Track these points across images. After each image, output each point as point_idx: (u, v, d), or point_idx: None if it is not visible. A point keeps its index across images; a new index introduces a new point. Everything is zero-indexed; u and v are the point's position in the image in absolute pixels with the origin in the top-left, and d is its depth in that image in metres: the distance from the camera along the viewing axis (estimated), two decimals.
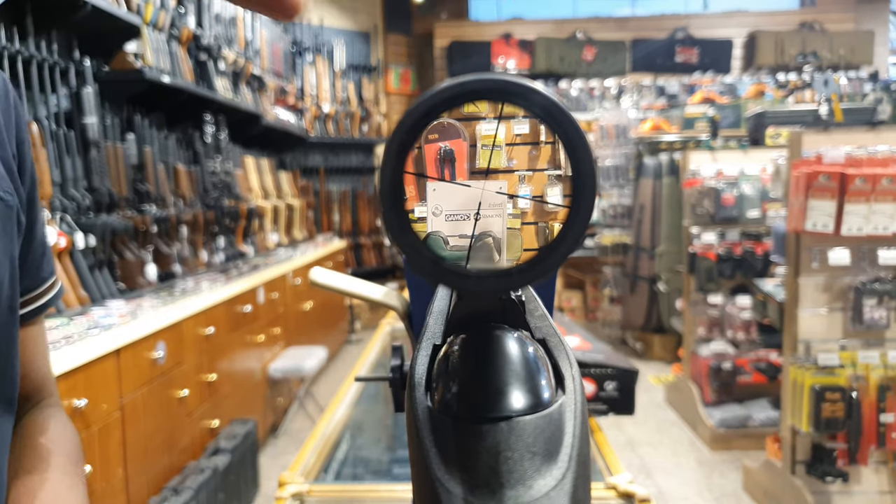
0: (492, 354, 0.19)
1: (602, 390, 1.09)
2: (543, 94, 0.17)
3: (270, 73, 5.29)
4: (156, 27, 3.28)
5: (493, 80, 0.18)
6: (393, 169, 0.17)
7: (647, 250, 5.35)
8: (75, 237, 2.50)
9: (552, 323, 0.28)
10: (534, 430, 0.16)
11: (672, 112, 5.71)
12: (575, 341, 1.25)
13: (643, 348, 5.63)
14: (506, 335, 0.20)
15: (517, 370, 0.18)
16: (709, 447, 3.77)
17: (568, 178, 0.53)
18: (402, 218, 0.17)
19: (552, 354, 0.22)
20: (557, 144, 0.38)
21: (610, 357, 1.14)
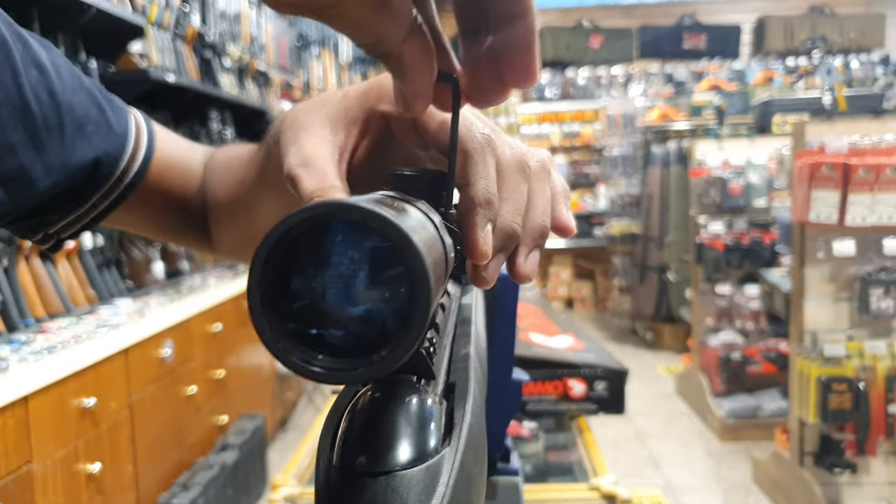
0: (381, 408, 0.20)
1: (592, 390, 1.10)
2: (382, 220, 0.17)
3: (276, 67, 5.30)
4: (160, 26, 3.31)
5: (318, 212, 0.17)
6: (258, 306, 0.18)
7: (655, 240, 5.34)
8: (83, 237, 2.53)
9: (475, 361, 0.30)
10: (409, 484, 0.17)
11: (679, 100, 5.68)
12: (568, 341, 1.26)
13: (653, 338, 5.63)
14: (401, 388, 0.21)
15: (403, 424, 0.19)
16: (718, 438, 3.78)
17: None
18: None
19: (454, 402, 0.24)
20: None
21: (601, 357, 1.15)
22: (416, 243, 0.17)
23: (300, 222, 0.16)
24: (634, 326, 5.89)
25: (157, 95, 3.28)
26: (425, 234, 0.20)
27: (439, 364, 0.26)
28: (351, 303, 0.18)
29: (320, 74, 6.47)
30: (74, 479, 1.90)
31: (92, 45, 2.90)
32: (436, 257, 0.20)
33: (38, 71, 0.53)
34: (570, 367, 1.13)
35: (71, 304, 2.36)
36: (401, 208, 0.21)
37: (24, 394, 1.65)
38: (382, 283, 0.18)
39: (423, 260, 0.17)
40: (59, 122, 0.53)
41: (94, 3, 2.56)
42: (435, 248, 0.20)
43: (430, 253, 0.18)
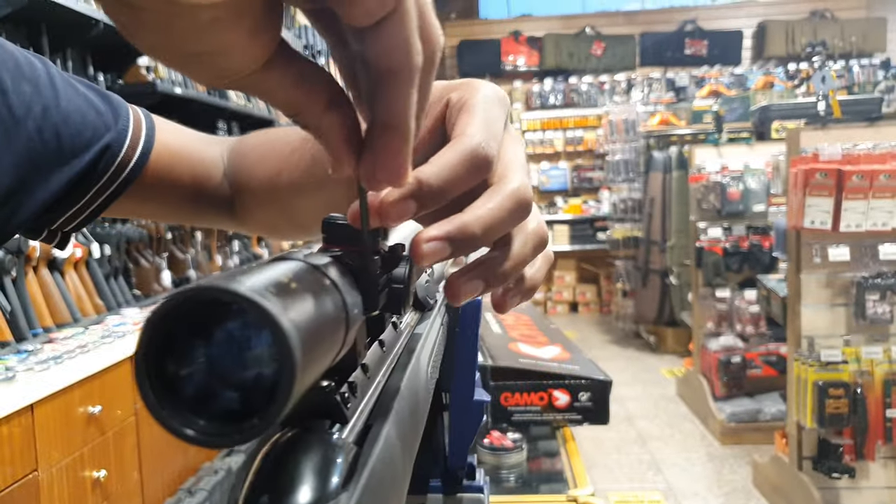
0: (287, 453, 0.22)
1: (576, 401, 1.14)
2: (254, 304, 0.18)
3: None
4: None
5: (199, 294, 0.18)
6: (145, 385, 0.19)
7: (658, 244, 5.37)
8: (91, 247, 2.59)
9: (404, 398, 0.32)
10: None
11: (680, 106, 5.71)
12: (555, 351, 1.30)
13: (656, 341, 5.65)
14: (309, 434, 0.23)
15: (304, 469, 0.21)
16: (719, 441, 3.80)
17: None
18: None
19: (363, 445, 0.26)
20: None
21: (586, 368, 1.19)
22: (283, 324, 0.18)
23: (178, 304, 0.18)
24: (638, 330, 5.91)
25: (166, 107, 3.34)
26: (304, 310, 0.21)
27: (359, 405, 0.28)
28: (229, 373, 0.20)
29: None
30: (80, 485, 1.95)
31: (100, 59, 2.97)
32: (315, 329, 0.21)
33: (31, 86, 0.55)
34: (555, 378, 1.16)
35: (78, 314, 2.41)
36: (288, 279, 0.22)
37: (29, 402, 1.70)
38: (255, 358, 0.20)
39: (288, 340, 0.18)
40: (56, 134, 0.56)
41: (102, 19, 2.62)
42: (318, 320, 0.22)
43: (306, 328, 0.20)
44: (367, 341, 0.31)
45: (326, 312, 0.23)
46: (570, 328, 6.66)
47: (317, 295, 0.23)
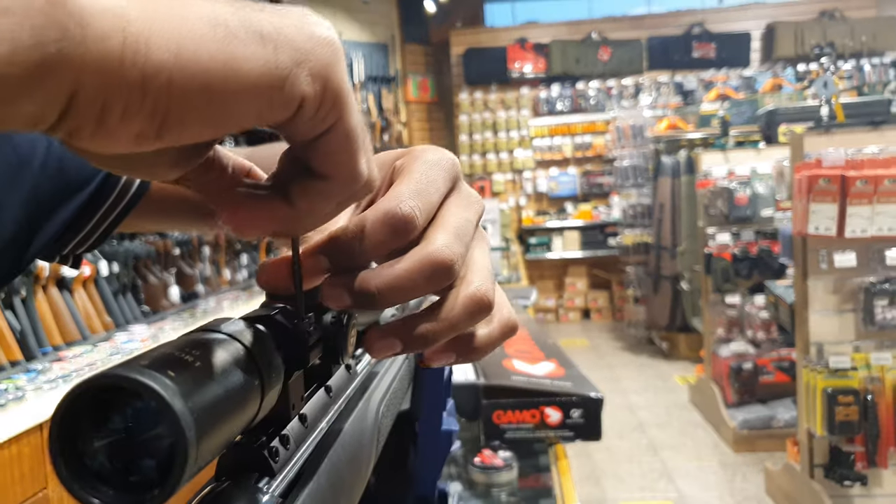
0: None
1: (568, 417, 1.15)
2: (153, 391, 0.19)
3: None
4: None
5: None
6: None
7: (668, 249, 5.35)
8: (99, 265, 2.63)
9: (343, 444, 0.33)
10: None
11: (688, 109, 5.69)
12: (549, 367, 1.31)
13: (669, 348, 5.62)
14: (234, 487, 0.25)
15: None
16: (732, 449, 3.77)
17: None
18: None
19: (287, 497, 0.28)
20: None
21: (578, 385, 1.19)
22: (174, 407, 0.20)
23: (81, 393, 0.20)
24: (650, 336, 5.88)
25: None
26: (203, 387, 0.22)
27: (293, 456, 0.29)
28: (131, 449, 0.21)
29: None
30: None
31: None
32: (215, 404, 0.22)
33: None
34: (546, 396, 1.17)
35: (87, 331, 2.45)
36: (193, 357, 0.23)
37: (39, 421, 1.73)
38: (154, 436, 0.21)
39: (180, 421, 0.20)
40: (60, 169, 0.56)
41: None
42: (220, 395, 0.23)
43: (202, 406, 0.21)
44: (304, 394, 0.32)
45: (232, 385, 0.24)
46: (582, 336, 6.64)
47: (224, 369, 0.24)
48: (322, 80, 0.24)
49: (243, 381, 0.24)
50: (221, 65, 0.21)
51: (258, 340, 0.27)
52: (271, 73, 0.22)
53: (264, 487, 0.27)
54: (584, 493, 3.39)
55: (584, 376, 1.27)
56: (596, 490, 3.41)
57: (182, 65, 0.20)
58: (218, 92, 0.21)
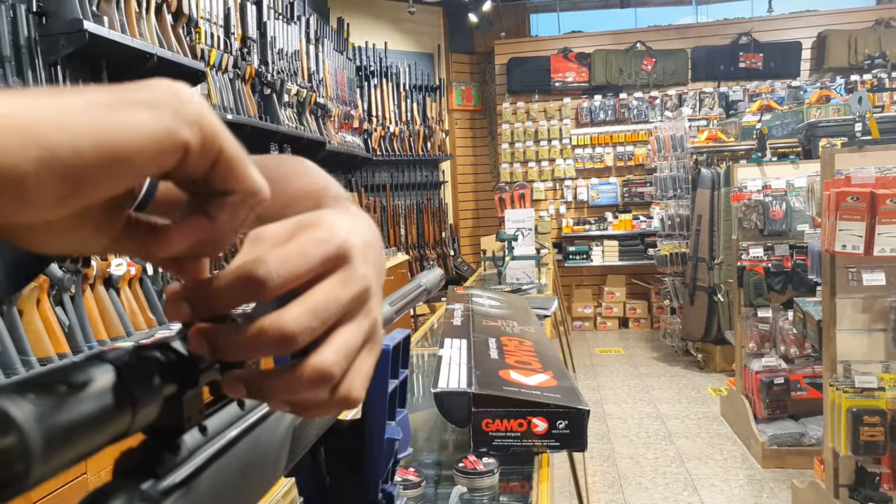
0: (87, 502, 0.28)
1: (554, 428, 1.22)
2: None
3: (335, 99, 5.58)
4: (220, 69, 3.59)
5: None
6: None
7: (705, 261, 5.31)
8: (145, 265, 2.80)
9: (235, 454, 0.37)
10: None
11: (730, 121, 5.64)
12: (541, 378, 1.38)
13: (705, 359, 5.58)
14: (110, 487, 0.29)
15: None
16: (760, 464, 3.74)
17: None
18: None
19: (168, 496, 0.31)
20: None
21: (566, 397, 1.26)
22: (24, 428, 0.23)
23: None
24: (686, 347, 5.84)
25: None
26: (60, 409, 0.25)
27: (187, 460, 0.34)
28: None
29: (380, 103, 6.74)
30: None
31: None
32: (69, 425, 0.26)
33: None
34: (533, 406, 1.24)
35: (131, 328, 2.61)
36: (63, 382, 0.27)
37: None
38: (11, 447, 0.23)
39: (28, 440, 0.22)
40: None
41: (155, 53, 2.84)
42: (76, 417, 0.26)
43: (56, 427, 0.24)
44: (202, 408, 0.36)
45: (91, 404, 0.27)
46: (619, 344, 6.63)
47: (86, 390, 0.27)
48: (197, 125, 0.29)
49: (106, 400, 0.28)
50: (109, 128, 0.26)
51: (134, 366, 0.30)
52: (156, 129, 0.28)
53: (146, 487, 0.31)
54: (606, 500, 3.42)
55: (574, 389, 1.34)
56: (618, 498, 3.44)
57: (72, 139, 0.25)
58: (112, 151, 0.26)
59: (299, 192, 0.54)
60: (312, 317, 0.34)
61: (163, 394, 0.32)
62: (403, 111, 6.98)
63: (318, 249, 0.35)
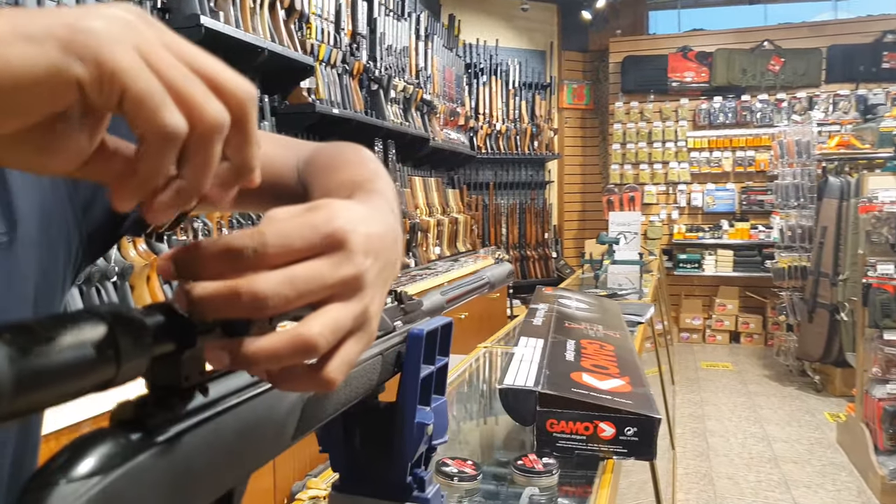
0: (75, 444, 0.30)
1: (622, 434, 1.16)
2: None
3: (442, 96, 5.62)
4: (329, 64, 3.70)
5: None
6: None
7: (828, 276, 4.93)
8: None
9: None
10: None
11: (867, 126, 5.21)
12: (616, 384, 1.32)
13: (822, 381, 5.18)
14: (100, 432, 0.31)
15: (72, 454, 0.30)
16: (878, 499, 3.43)
17: None
18: None
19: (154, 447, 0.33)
20: None
21: (638, 403, 1.19)
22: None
23: None
24: (803, 367, 5.45)
25: (325, 126, 3.67)
26: (35, 353, 0.27)
27: (179, 418, 0.36)
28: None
29: (488, 100, 6.73)
30: None
31: (267, 82, 3.33)
32: (43, 366, 0.27)
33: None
34: (601, 410, 1.19)
35: None
36: (45, 331, 0.28)
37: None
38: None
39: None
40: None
41: (267, 47, 2.95)
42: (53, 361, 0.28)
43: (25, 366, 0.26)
44: (202, 369, 0.37)
45: (71, 351, 0.29)
46: (728, 359, 6.28)
47: (67, 338, 0.29)
48: (93, 63, 0.28)
49: (87, 349, 0.29)
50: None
51: (125, 322, 0.32)
52: (40, 65, 0.27)
53: (133, 437, 0.33)
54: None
55: (648, 396, 1.27)
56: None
57: None
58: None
59: (342, 182, 0.56)
60: (289, 286, 0.34)
61: (153, 350, 0.33)
62: (511, 109, 6.93)
63: (312, 231, 0.36)
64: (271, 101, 3.28)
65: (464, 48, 6.59)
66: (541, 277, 6.84)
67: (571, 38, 7.51)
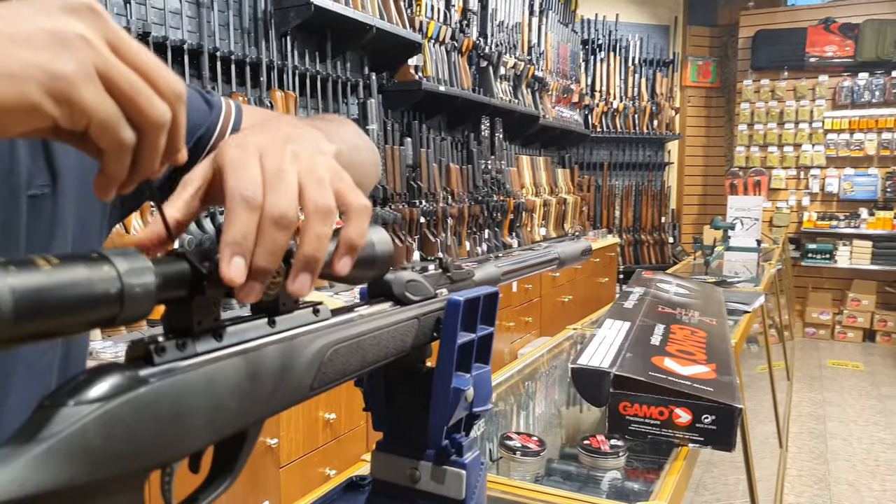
0: (85, 374, 0.35)
1: (698, 421, 1.10)
2: None
3: (555, 73, 5.51)
4: (437, 41, 3.71)
5: None
6: None
7: None
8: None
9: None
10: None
11: None
12: (699, 370, 1.25)
13: None
14: (108, 366, 0.34)
15: (82, 383, 0.34)
16: None
17: None
18: None
19: (153, 383, 0.37)
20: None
21: (720, 391, 1.13)
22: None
23: None
24: None
25: (431, 103, 3.70)
26: (39, 281, 0.30)
27: (188, 357, 0.39)
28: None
29: (605, 77, 6.53)
30: (314, 423, 2.32)
31: (375, 59, 3.39)
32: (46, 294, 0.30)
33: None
34: (678, 395, 1.13)
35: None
36: (49, 264, 0.31)
37: None
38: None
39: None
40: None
41: (375, 24, 3.00)
42: (55, 290, 0.31)
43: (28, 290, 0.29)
44: (217, 315, 0.41)
45: (73, 286, 0.32)
46: (858, 358, 5.81)
47: (72, 275, 0.32)
48: (66, 104, 0.35)
49: (91, 286, 0.33)
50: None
51: (131, 265, 0.35)
52: (23, 101, 0.33)
53: (141, 372, 0.36)
54: None
55: (733, 385, 1.19)
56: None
57: None
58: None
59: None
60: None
61: (159, 294, 0.37)
62: (630, 86, 6.68)
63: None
64: (378, 78, 3.34)
65: (581, 23, 6.41)
66: (655, 263, 6.61)
67: (698, 12, 7.12)
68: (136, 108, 0.37)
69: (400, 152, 3.35)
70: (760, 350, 3.42)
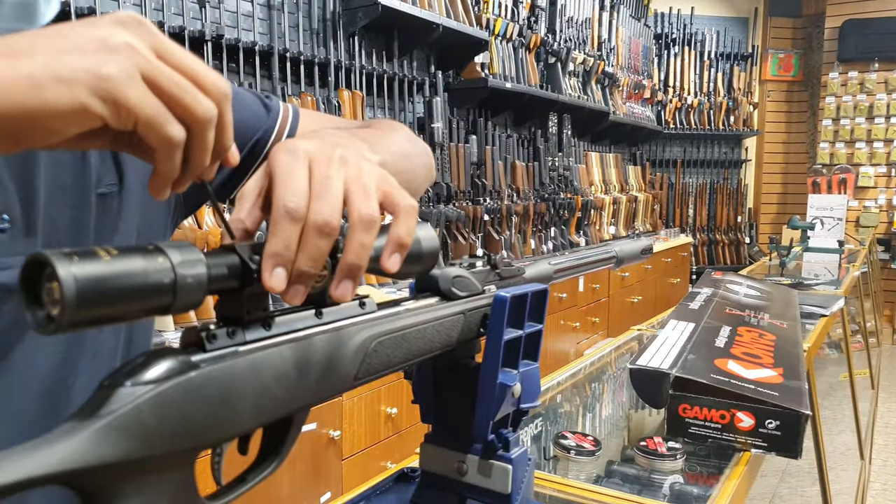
0: (143, 356, 0.38)
1: (762, 427, 1.06)
2: None
3: (627, 69, 5.40)
4: (504, 38, 3.70)
5: None
6: None
7: None
8: None
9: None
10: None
11: None
12: (766, 374, 1.20)
13: None
14: (164, 350, 0.37)
15: (139, 365, 0.37)
16: None
17: None
18: None
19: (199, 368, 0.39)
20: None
21: (786, 396, 1.09)
22: (60, 274, 0.31)
23: (27, 263, 0.32)
24: None
25: (498, 100, 3.69)
26: (98, 271, 0.33)
27: (238, 344, 0.42)
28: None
29: (678, 72, 6.36)
30: (376, 417, 2.35)
31: (441, 58, 3.41)
32: (103, 283, 0.33)
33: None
34: (740, 399, 1.10)
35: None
36: (109, 254, 0.33)
37: None
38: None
39: (62, 282, 0.31)
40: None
41: (441, 23, 3.02)
42: (111, 279, 0.33)
43: (87, 280, 0.32)
44: (266, 305, 0.44)
45: (129, 275, 0.34)
46: None
47: (128, 265, 0.34)
48: (113, 103, 0.37)
49: (147, 276, 0.35)
50: (33, 101, 0.35)
51: (186, 257, 0.37)
52: (74, 104, 0.36)
53: (194, 358, 0.39)
54: None
55: (801, 391, 1.14)
56: None
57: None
58: (32, 119, 0.36)
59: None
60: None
61: (211, 285, 0.39)
62: (705, 81, 6.48)
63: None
64: (445, 76, 3.35)
65: (654, 17, 6.26)
66: (730, 264, 6.39)
67: (780, 2, 6.83)
68: (181, 105, 0.39)
69: (464, 150, 3.36)
70: (840, 356, 3.27)
